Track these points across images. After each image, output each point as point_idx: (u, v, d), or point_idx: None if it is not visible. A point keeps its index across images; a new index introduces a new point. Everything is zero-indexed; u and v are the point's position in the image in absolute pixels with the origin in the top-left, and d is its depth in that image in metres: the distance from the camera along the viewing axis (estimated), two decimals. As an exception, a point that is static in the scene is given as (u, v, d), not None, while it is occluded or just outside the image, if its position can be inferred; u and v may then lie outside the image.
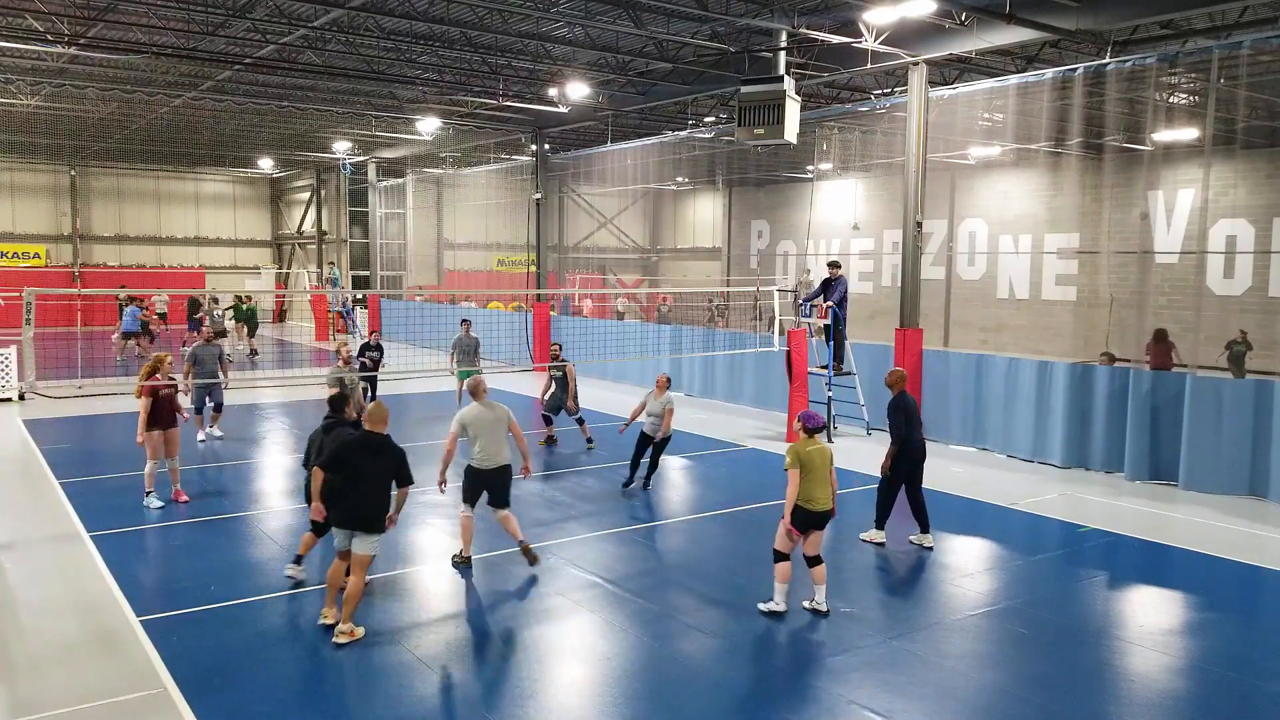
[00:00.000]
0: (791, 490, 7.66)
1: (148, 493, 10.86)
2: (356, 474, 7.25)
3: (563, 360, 14.62)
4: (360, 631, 7.34)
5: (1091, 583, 8.95)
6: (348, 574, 7.34)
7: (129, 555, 9.20)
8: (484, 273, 40.32)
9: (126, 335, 24.73)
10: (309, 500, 7.64)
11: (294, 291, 39.03)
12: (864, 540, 9.91)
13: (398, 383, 19.37)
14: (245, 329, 26.75)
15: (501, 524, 8.87)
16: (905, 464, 9.73)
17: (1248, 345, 20.50)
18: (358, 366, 16.87)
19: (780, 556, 7.80)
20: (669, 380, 12.04)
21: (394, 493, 7.48)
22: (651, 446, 11.82)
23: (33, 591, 8.27)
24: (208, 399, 14.53)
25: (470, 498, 8.94)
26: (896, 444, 9.66)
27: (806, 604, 7.96)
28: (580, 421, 14.66)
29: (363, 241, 37.39)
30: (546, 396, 14.75)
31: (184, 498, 11.04)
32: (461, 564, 9.02)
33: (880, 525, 9.90)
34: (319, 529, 8.07)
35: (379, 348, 16.58)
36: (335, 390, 9.03)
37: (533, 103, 21.65)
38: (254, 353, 26.70)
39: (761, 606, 7.85)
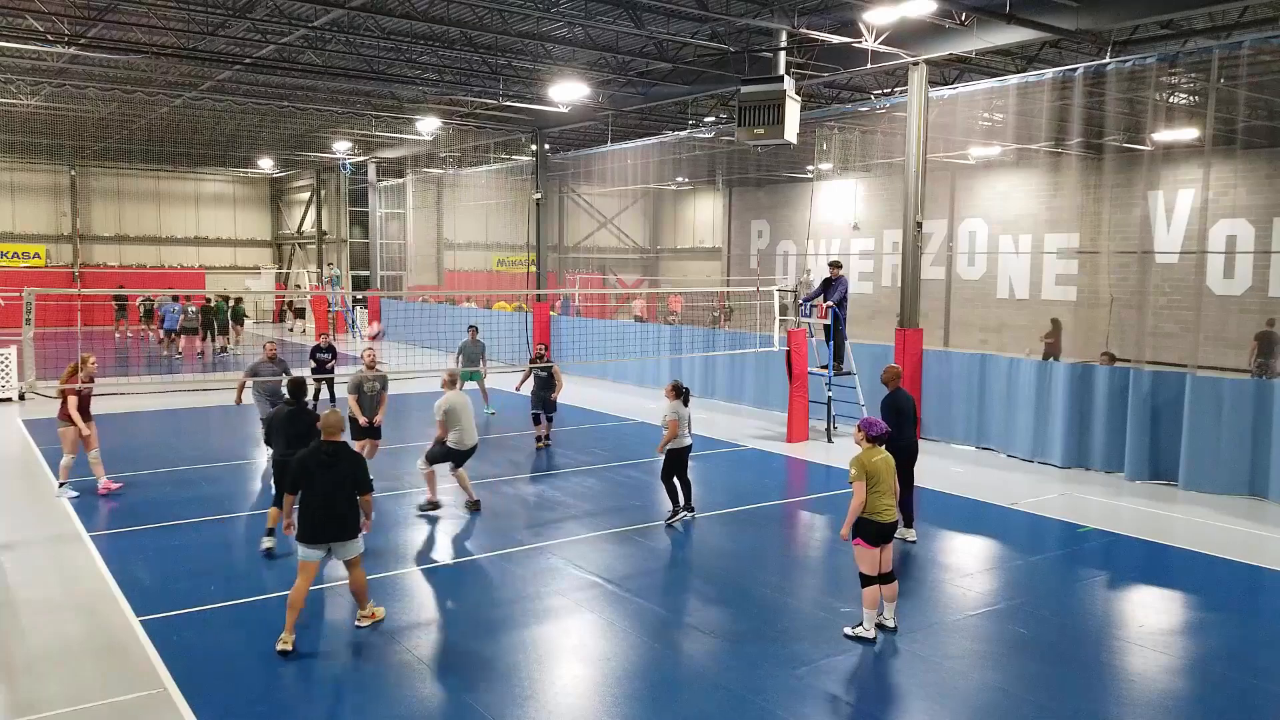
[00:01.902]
0: (856, 504, 7.28)
1: (61, 484, 11.29)
2: (315, 486, 7.14)
3: (549, 361, 14.64)
4: (381, 611, 7.70)
5: (1091, 583, 8.95)
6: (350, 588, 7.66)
7: (129, 555, 9.20)
8: (484, 273, 40.33)
9: (169, 333, 25.89)
10: (277, 485, 8.93)
11: (293, 292, 39.02)
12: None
13: (400, 383, 19.34)
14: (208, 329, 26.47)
15: (458, 479, 10.54)
16: (905, 459, 9.54)
17: None
18: (310, 369, 16.72)
19: (867, 580, 7.36)
20: (672, 388, 10.49)
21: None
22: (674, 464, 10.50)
23: (33, 591, 8.27)
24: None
25: (437, 462, 10.59)
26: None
27: (880, 620, 7.58)
28: (549, 419, 14.71)
29: (363, 241, 37.40)
30: (530, 393, 14.85)
31: (114, 486, 11.49)
32: (430, 508, 10.66)
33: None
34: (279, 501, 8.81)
35: (330, 349, 16.57)
36: (292, 380, 9.69)
37: (533, 103, 21.64)
38: (222, 350, 26.56)
39: (848, 630, 7.44)
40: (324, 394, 17.35)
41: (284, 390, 10.17)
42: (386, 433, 12.80)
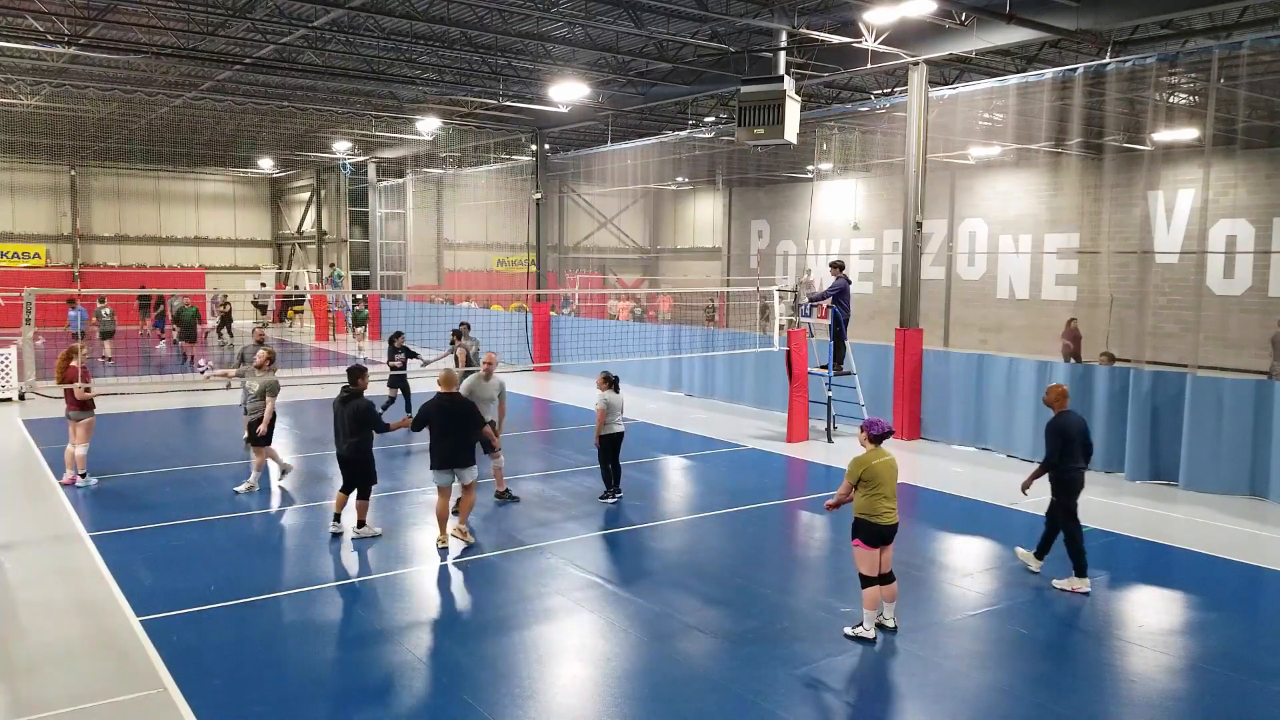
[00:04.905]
0: (841, 491, 7.39)
1: (83, 475, 11.80)
2: (441, 427, 9.30)
3: (466, 343, 14.99)
4: (472, 539, 9.65)
5: (1092, 583, 8.94)
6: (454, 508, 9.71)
7: (129, 555, 9.20)
8: (484, 273, 40.33)
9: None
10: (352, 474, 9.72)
11: (293, 292, 39.03)
12: (1060, 589, 8.56)
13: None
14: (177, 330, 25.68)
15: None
16: (1068, 492, 8.60)
17: None
18: (390, 368, 16.32)
19: (867, 581, 7.38)
20: (603, 378, 11.24)
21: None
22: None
23: (33, 592, 8.27)
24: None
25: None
26: (1046, 467, 8.59)
27: (880, 620, 7.56)
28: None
29: (363, 241, 37.41)
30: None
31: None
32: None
33: (1080, 571, 8.58)
34: (347, 489, 9.80)
35: (405, 349, 16.28)
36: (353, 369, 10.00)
37: (533, 103, 21.64)
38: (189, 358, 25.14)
39: (848, 631, 7.43)
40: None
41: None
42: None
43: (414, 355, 16.01)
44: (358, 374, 9.81)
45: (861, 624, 7.43)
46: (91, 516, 10.44)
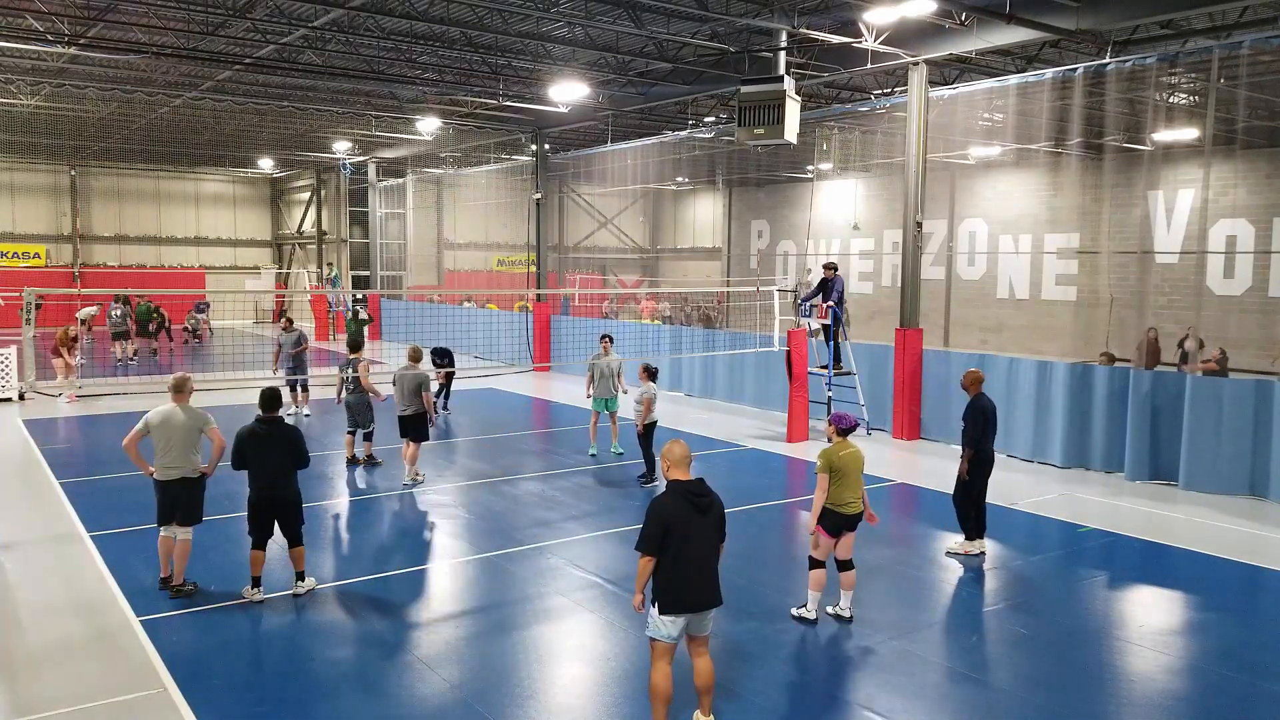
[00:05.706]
0: (819, 495, 7.52)
1: (60, 394, 14.81)
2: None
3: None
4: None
5: (1091, 583, 8.95)
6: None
7: (129, 555, 9.20)
8: (484, 273, 40.33)
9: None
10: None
11: (294, 291, 39.03)
12: (952, 553, 9.54)
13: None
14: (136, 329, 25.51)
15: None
16: (985, 469, 9.35)
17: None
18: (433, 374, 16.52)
19: (815, 564, 7.66)
20: (645, 369, 12.82)
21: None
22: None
23: (33, 591, 8.27)
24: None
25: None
26: (971, 448, 9.22)
27: (830, 609, 7.78)
28: (367, 436, 13.30)
29: (363, 241, 37.41)
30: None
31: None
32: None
33: (970, 536, 9.48)
34: (259, 543, 8.04)
35: (447, 352, 17.08)
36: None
37: (533, 103, 21.64)
38: (136, 354, 24.94)
39: (793, 611, 7.75)
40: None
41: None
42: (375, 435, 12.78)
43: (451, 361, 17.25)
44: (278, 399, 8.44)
45: (805, 605, 7.67)
46: (91, 516, 10.43)
